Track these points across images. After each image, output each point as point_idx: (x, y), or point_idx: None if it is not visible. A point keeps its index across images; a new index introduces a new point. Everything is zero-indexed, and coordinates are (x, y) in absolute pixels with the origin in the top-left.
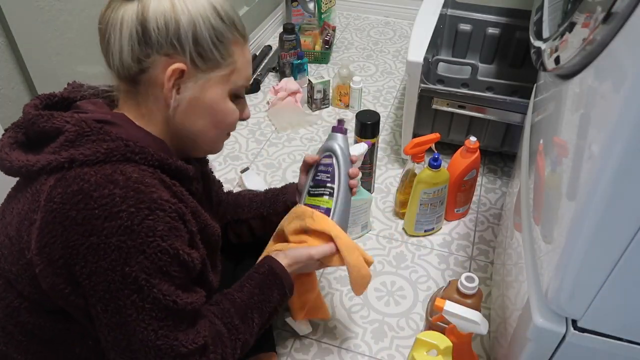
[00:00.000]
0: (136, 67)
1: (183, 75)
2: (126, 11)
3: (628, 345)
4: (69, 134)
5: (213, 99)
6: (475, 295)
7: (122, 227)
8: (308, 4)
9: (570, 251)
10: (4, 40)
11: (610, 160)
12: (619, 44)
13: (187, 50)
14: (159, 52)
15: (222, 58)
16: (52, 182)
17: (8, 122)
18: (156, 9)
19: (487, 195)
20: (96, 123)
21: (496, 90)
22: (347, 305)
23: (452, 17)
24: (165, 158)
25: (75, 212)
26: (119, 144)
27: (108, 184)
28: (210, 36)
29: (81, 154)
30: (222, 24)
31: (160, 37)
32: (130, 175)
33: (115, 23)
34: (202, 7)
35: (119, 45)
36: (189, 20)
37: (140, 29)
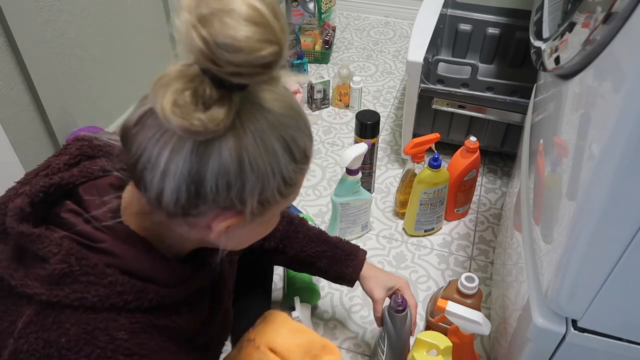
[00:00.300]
0: (177, 212)
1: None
2: (173, 157)
3: (628, 345)
4: (54, 269)
5: (264, 228)
6: (475, 295)
7: None
8: (308, 4)
9: (570, 251)
10: (4, 40)
11: (610, 160)
12: (619, 44)
13: (249, 206)
14: (212, 207)
15: (286, 198)
16: (32, 311)
17: (8, 122)
18: (217, 168)
19: (487, 195)
20: (88, 255)
21: (496, 90)
22: (347, 305)
23: (452, 17)
24: (167, 296)
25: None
26: (111, 292)
27: (85, 347)
28: (279, 187)
29: (66, 296)
30: (294, 165)
31: (218, 197)
32: (115, 336)
33: (156, 163)
34: (274, 155)
35: (158, 188)
36: (258, 178)
37: (193, 189)
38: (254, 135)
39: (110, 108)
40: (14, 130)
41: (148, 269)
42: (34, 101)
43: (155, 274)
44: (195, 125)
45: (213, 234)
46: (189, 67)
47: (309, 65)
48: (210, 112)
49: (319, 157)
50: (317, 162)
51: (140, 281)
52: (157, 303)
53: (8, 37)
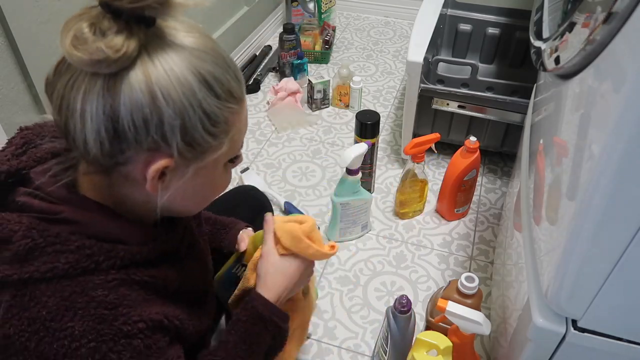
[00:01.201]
0: (108, 161)
1: (168, 169)
2: (87, 97)
3: (628, 345)
4: (19, 247)
5: (207, 182)
6: (476, 295)
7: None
8: (308, 4)
9: (570, 251)
10: (4, 40)
11: (610, 160)
12: (619, 44)
13: (174, 144)
14: (137, 149)
15: (218, 140)
16: (7, 297)
17: (8, 122)
18: (130, 102)
19: (487, 195)
20: (50, 226)
21: (496, 90)
22: (347, 305)
23: (452, 17)
24: (137, 252)
25: (33, 343)
26: (80, 256)
27: (66, 312)
28: (203, 123)
29: (36, 270)
30: (217, 101)
31: (138, 135)
32: (92, 295)
33: (74, 108)
34: (189, 89)
35: (81, 135)
36: (175, 112)
37: (111, 127)
38: (164, 67)
39: None
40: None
41: (112, 231)
42: (33, 101)
43: (121, 235)
44: (95, 54)
45: (149, 183)
46: (90, 8)
47: (309, 65)
48: (108, 39)
49: (319, 157)
50: (317, 162)
51: (107, 243)
52: (130, 261)
53: (8, 37)
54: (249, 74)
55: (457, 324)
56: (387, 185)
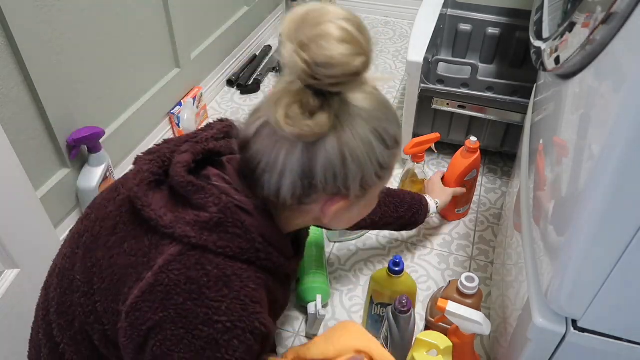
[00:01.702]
0: (293, 202)
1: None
2: (288, 159)
3: (628, 345)
4: (212, 217)
5: (365, 208)
6: (476, 295)
7: (211, 337)
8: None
9: (570, 251)
10: (4, 40)
11: (610, 160)
12: (619, 44)
13: (352, 191)
14: (321, 194)
15: (382, 180)
16: (174, 251)
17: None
18: (325, 162)
19: (487, 195)
20: (240, 213)
21: (496, 90)
22: (347, 305)
23: (452, 17)
24: (282, 265)
25: (182, 299)
26: (251, 247)
27: (223, 288)
28: (376, 172)
29: (214, 242)
30: (387, 151)
31: (327, 185)
32: (246, 284)
33: (274, 165)
34: (369, 146)
35: (276, 186)
36: (358, 167)
37: (307, 183)
38: (352, 132)
39: (110, 108)
40: (14, 130)
41: (275, 238)
42: (34, 101)
43: (280, 245)
44: (305, 131)
45: (325, 218)
46: (291, 84)
47: None
48: (316, 119)
49: None
50: None
51: (271, 246)
52: (275, 268)
53: (8, 37)
54: (249, 74)
55: (457, 324)
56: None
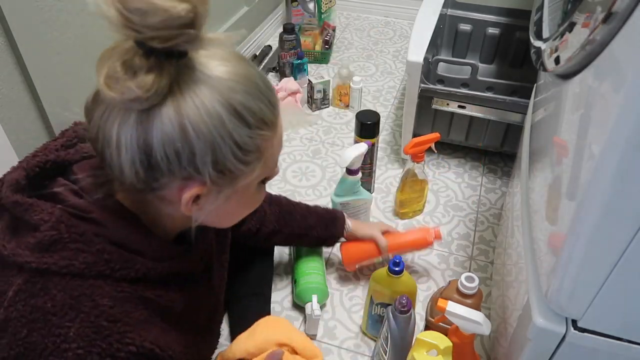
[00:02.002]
0: (143, 187)
1: (201, 195)
2: (122, 129)
3: (628, 345)
4: (44, 236)
5: (240, 203)
6: (476, 295)
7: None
8: (308, 4)
9: (570, 251)
10: (4, 40)
11: (610, 160)
12: (619, 44)
13: (206, 174)
14: (170, 177)
15: (249, 166)
16: (22, 280)
17: (8, 122)
18: (161, 134)
19: (487, 195)
20: (78, 223)
21: (496, 90)
22: (347, 305)
23: (452, 17)
24: (152, 268)
25: (26, 330)
26: (98, 259)
27: (69, 311)
28: (234, 153)
29: (54, 263)
30: (248, 130)
31: (171, 166)
32: (99, 302)
33: (109, 139)
34: (219, 121)
35: (117, 164)
36: (206, 144)
37: (145, 158)
38: (194, 102)
39: None
40: (14, 130)
41: (135, 242)
42: (34, 101)
43: (143, 247)
44: (126, 94)
45: (183, 207)
46: (123, 42)
47: (309, 65)
48: (138, 79)
49: (319, 157)
50: (317, 162)
51: (128, 252)
52: (144, 275)
53: (8, 37)
54: None
55: (457, 324)
56: (387, 185)
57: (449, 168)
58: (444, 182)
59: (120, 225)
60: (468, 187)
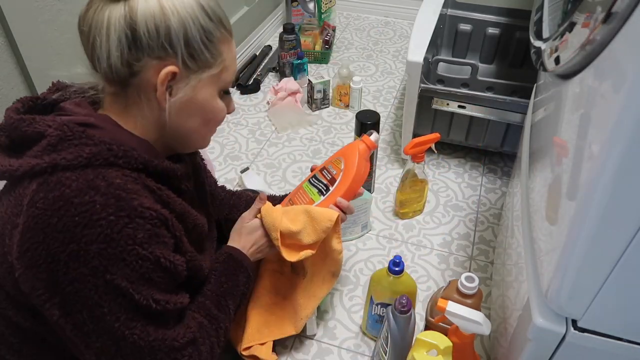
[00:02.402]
0: (126, 71)
1: (175, 78)
2: (112, 13)
3: (628, 345)
4: (51, 138)
5: (205, 99)
6: (476, 295)
7: (102, 235)
8: (308, 4)
9: (570, 251)
10: (4, 40)
11: (610, 160)
12: (619, 44)
13: (179, 52)
14: (150, 56)
15: (213, 57)
16: (34, 186)
17: None
18: (145, 11)
19: (487, 195)
20: (79, 126)
21: (496, 90)
22: (347, 305)
23: (452, 17)
24: (150, 160)
25: (56, 218)
26: (102, 148)
27: (89, 190)
28: (201, 36)
29: (63, 158)
30: (211, 22)
31: (151, 41)
32: (112, 181)
33: (101, 26)
34: (190, 8)
35: (106, 49)
36: (179, 22)
37: (130, 33)
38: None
39: None
40: None
41: (129, 141)
42: None
43: (136, 146)
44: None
45: (159, 91)
46: None
47: (309, 65)
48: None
49: (319, 157)
50: (317, 162)
51: (125, 147)
52: (143, 165)
53: (8, 37)
54: (249, 74)
55: (457, 324)
56: (387, 185)
57: (449, 168)
58: (444, 182)
59: (114, 128)
60: (468, 187)
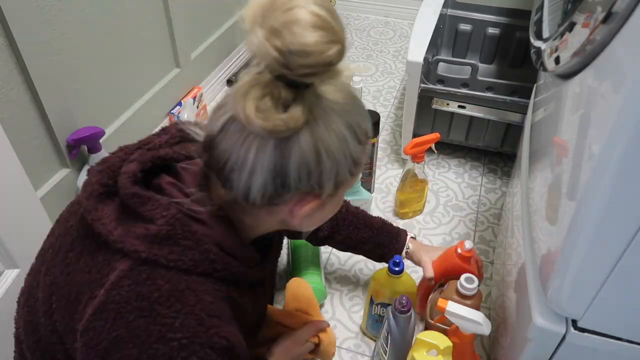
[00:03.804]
0: (264, 203)
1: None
2: (259, 156)
3: (628, 345)
4: (160, 229)
5: (333, 208)
6: (475, 296)
7: (167, 355)
8: None
9: (570, 251)
10: (4, 40)
11: (610, 160)
12: (619, 44)
13: (327, 188)
14: (293, 194)
15: (354, 176)
16: (125, 266)
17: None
18: (299, 160)
19: (487, 195)
20: (190, 222)
21: (496, 90)
22: (347, 305)
23: (452, 17)
24: (245, 274)
25: (133, 317)
26: (205, 258)
27: (176, 303)
28: (350, 168)
29: (164, 257)
30: (360, 146)
31: (300, 185)
32: (202, 298)
33: (243, 163)
34: (344, 141)
35: (245, 186)
36: (333, 164)
37: (279, 181)
38: (326, 126)
39: (110, 108)
40: (14, 130)
41: (233, 246)
42: (34, 101)
43: (237, 252)
44: (278, 125)
45: (295, 219)
46: (260, 74)
47: None
48: (290, 112)
49: None
50: None
51: (227, 255)
52: (236, 278)
53: (8, 37)
54: None
55: (456, 324)
56: (387, 185)
57: (449, 168)
58: (444, 182)
59: (223, 229)
60: (468, 187)
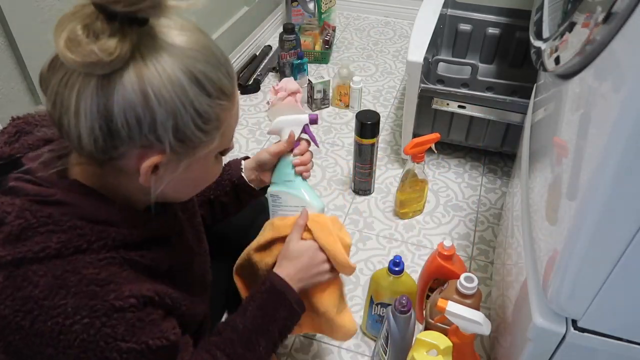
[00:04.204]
0: (101, 155)
1: (161, 165)
2: (81, 96)
3: (628, 345)
4: (12, 227)
5: (198, 174)
6: (475, 295)
7: (78, 340)
8: (308, 4)
9: (570, 251)
10: (4, 40)
11: (610, 160)
12: (619, 44)
13: (167, 142)
14: (130, 145)
15: (209, 135)
16: (0, 279)
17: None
18: (123, 102)
19: (487, 195)
20: (42, 208)
21: (496, 90)
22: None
23: (452, 17)
24: (129, 234)
25: (27, 322)
26: (72, 235)
27: (59, 290)
28: (195, 121)
29: (29, 250)
30: (208, 99)
31: (132, 133)
32: (84, 275)
33: (68, 105)
34: (181, 89)
35: (75, 131)
36: (167, 112)
37: (105, 126)
38: (156, 68)
39: None
40: None
41: (103, 214)
42: (34, 101)
43: (112, 218)
44: (88, 57)
45: (142, 177)
46: (83, 7)
47: (309, 65)
48: (101, 42)
49: (319, 157)
50: (317, 162)
51: (99, 224)
52: (121, 242)
53: (8, 37)
54: (249, 74)
55: (456, 324)
56: (387, 185)
57: (449, 168)
58: (444, 182)
59: (86, 201)
60: (468, 187)
